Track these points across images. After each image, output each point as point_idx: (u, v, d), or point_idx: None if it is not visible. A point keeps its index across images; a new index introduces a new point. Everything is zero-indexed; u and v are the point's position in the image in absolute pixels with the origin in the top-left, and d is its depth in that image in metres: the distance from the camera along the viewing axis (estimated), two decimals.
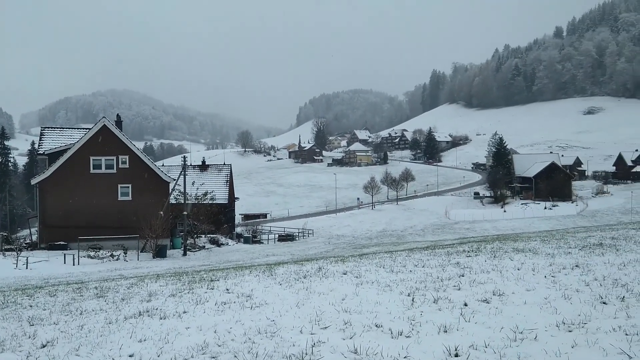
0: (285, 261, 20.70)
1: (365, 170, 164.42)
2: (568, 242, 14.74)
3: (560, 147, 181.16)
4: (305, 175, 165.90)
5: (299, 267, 13.44)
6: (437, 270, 10.48)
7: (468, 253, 13.66)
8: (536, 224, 68.19)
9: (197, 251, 39.94)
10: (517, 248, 14.02)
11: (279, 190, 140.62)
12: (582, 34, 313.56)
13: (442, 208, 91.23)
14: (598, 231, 20.00)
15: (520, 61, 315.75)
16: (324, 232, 69.83)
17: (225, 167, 58.90)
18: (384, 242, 45.79)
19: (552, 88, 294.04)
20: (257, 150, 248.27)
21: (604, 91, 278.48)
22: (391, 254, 15.96)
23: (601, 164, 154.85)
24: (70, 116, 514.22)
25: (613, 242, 14.12)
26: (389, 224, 77.11)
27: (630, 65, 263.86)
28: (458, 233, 60.69)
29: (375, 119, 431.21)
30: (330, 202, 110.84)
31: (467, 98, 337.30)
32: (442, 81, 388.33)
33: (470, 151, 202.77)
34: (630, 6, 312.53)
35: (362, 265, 12.54)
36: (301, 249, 39.49)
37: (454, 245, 19.75)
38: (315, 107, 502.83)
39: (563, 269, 9.68)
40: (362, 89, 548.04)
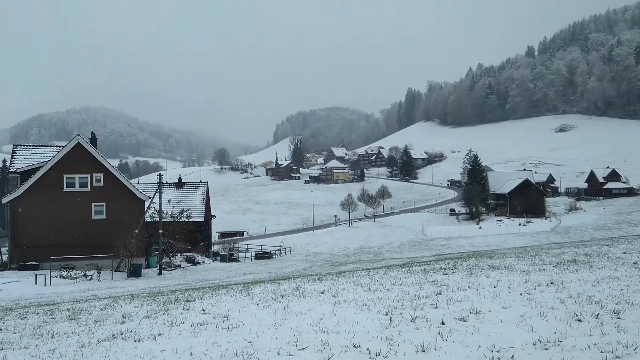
0: (263, 280, 20.54)
1: (342, 188, 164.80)
2: (542, 259, 14.93)
3: (534, 164, 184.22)
4: (282, 192, 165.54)
5: (276, 286, 13.34)
6: (415, 289, 10.51)
7: (445, 270, 13.73)
8: (511, 240, 69.00)
9: (173, 270, 39.39)
10: (492, 265, 14.14)
11: (256, 208, 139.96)
12: (553, 53, 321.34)
13: (418, 225, 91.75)
14: (572, 247, 20.32)
15: (493, 80, 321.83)
16: (302, 250, 69.56)
17: (201, 185, 58.46)
18: (362, 260, 45.78)
19: (524, 106, 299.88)
20: (234, 168, 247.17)
21: (576, 109, 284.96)
22: (369, 272, 15.96)
23: (574, 180, 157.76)
24: (43, 134, 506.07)
25: (587, 258, 14.35)
26: (366, 241, 77.19)
27: (600, 84, 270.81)
28: (435, 250, 61.03)
29: (352, 137, 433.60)
30: (308, 220, 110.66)
31: (442, 116, 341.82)
32: (417, 99, 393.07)
33: (446, 168, 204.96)
34: (600, 27, 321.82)
35: (340, 283, 12.50)
36: (278, 267, 39.24)
37: (431, 262, 19.84)
38: (293, 125, 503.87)
39: (538, 286, 9.80)
40: (339, 107, 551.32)
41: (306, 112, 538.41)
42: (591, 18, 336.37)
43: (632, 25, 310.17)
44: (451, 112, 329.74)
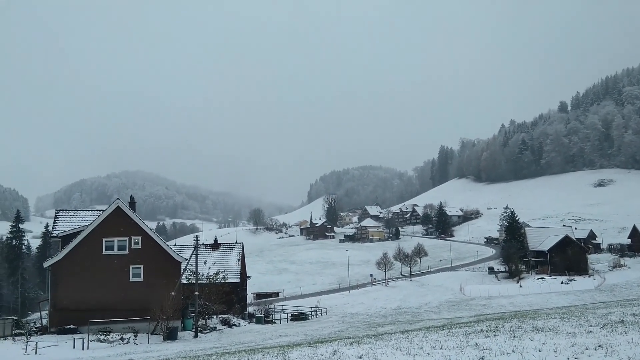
0: (299, 342, 20.24)
1: (377, 246, 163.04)
2: (588, 320, 14.39)
3: (573, 220, 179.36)
4: (317, 252, 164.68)
5: (312, 350, 13.15)
6: (456, 353, 10.23)
7: (486, 333, 13.34)
8: (554, 299, 66.47)
9: (209, 332, 39.14)
10: (536, 327, 13.68)
11: (291, 268, 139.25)
12: (587, 107, 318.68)
13: (456, 284, 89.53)
14: (618, 307, 19.51)
15: (526, 135, 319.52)
16: (338, 311, 68.41)
17: (237, 246, 58.81)
18: (399, 320, 44.69)
19: (560, 161, 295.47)
20: (268, 228, 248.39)
21: (613, 163, 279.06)
22: (407, 334, 15.61)
23: (615, 236, 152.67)
24: (84, 198, 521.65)
25: (635, 319, 13.78)
26: (404, 301, 75.50)
27: (638, 137, 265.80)
28: (474, 310, 59.20)
29: (386, 195, 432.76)
30: (343, 279, 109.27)
31: (476, 172, 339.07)
32: (450, 156, 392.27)
33: (482, 225, 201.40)
34: (634, 80, 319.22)
35: (378, 347, 12.26)
36: (314, 329, 38.60)
37: (471, 323, 19.28)
38: (326, 184, 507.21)
39: (586, 350, 9.43)
40: (372, 165, 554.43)
41: (339, 171, 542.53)
42: (624, 72, 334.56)
43: None
44: (485, 169, 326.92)
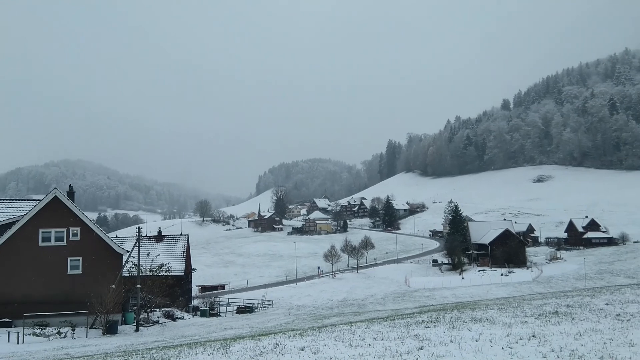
0: (243, 335, 20.04)
1: (325, 239, 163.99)
2: (524, 311, 14.86)
3: (513, 214, 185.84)
4: (265, 244, 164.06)
5: (255, 342, 13.01)
6: (396, 343, 10.33)
7: (427, 324, 13.56)
8: (494, 290, 68.70)
9: (151, 326, 38.29)
10: (475, 317, 14.01)
11: (238, 260, 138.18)
12: (528, 106, 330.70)
13: (402, 276, 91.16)
14: (553, 298, 20.27)
15: (471, 132, 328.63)
16: (284, 303, 68.40)
17: (182, 238, 57.71)
18: (345, 312, 45.09)
19: (502, 157, 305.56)
20: (215, 220, 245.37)
21: (552, 160, 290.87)
22: (351, 326, 15.69)
23: (553, 230, 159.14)
24: (21, 187, 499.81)
25: (569, 310, 14.31)
26: (350, 293, 76.26)
27: (576, 135, 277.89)
28: (418, 301, 60.46)
29: (335, 188, 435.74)
30: (291, 272, 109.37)
31: (422, 167, 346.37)
32: (398, 151, 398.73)
33: (428, 219, 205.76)
34: (573, 80, 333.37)
35: (321, 339, 12.25)
36: (260, 321, 38.41)
37: (414, 314, 19.61)
38: (275, 176, 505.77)
39: (520, 340, 9.70)
40: (321, 158, 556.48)
41: (289, 163, 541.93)
42: (564, 72, 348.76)
43: (604, 77, 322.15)
44: (431, 163, 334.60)
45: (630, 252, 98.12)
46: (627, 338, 9.73)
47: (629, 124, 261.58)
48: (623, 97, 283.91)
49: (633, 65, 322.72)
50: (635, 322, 11.61)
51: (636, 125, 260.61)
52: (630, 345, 9.10)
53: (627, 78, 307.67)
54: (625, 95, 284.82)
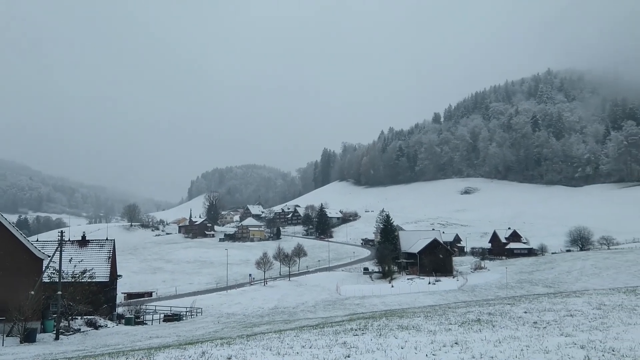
0: (169, 344, 19.51)
1: (258, 246, 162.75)
2: (449, 318, 15.30)
3: (442, 225, 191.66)
4: (195, 250, 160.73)
5: (181, 352, 12.70)
6: (324, 351, 10.37)
7: (355, 331, 13.70)
8: (421, 298, 70.42)
9: (72, 334, 36.59)
10: (402, 325, 14.30)
11: (167, 267, 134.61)
12: (457, 120, 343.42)
13: (333, 284, 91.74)
14: (477, 306, 21.02)
15: (403, 143, 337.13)
16: (214, 311, 67.17)
17: (107, 243, 55.61)
18: (276, 320, 44.84)
19: (432, 169, 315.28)
20: (144, 225, 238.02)
21: (479, 173, 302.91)
22: (280, 334, 15.62)
23: (478, 240, 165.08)
24: None
25: (490, 317, 14.87)
26: (281, 301, 75.94)
27: (501, 149, 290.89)
28: (348, 309, 61.02)
29: (269, 195, 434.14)
30: (222, 279, 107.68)
31: (356, 176, 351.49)
32: (332, 159, 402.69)
33: (360, 227, 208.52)
34: (499, 97, 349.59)
35: (249, 347, 12.12)
36: (188, 330, 37.57)
37: (343, 322, 19.77)
38: (208, 181, 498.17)
39: (443, 347, 9.97)
40: (256, 165, 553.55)
41: (222, 169, 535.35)
42: (492, 88, 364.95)
43: (528, 96, 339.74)
44: (365, 173, 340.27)
45: (548, 263, 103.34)
46: (543, 345, 10.22)
47: (550, 141, 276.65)
48: (545, 114, 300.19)
49: (554, 85, 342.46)
50: (550, 330, 12.22)
51: (556, 142, 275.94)
52: (545, 352, 9.56)
53: (548, 97, 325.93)
54: (547, 113, 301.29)
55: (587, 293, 25.71)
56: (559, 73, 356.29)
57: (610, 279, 76.31)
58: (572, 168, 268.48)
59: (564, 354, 9.34)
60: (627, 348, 9.64)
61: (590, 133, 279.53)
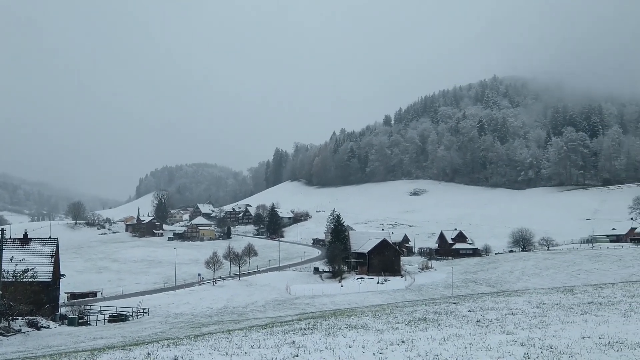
0: (114, 345, 19.07)
1: (208, 245, 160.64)
2: (396, 317, 15.61)
3: (391, 225, 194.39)
4: (143, 249, 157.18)
5: (125, 353, 12.45)
6: (272, 351, 10.40)
7: (304, 331, 13.79)
8: (370, 298, 71.31)
9: (12, 335, 35.22)
10: (350, 324, 14.48)
11: (113, 266, 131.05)
12: (407, 123, 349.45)
13: (283, 283, 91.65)
14: (423, 305, 21.50)
15: (355, 144, 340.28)
16: (161, 311, 65.94)
17: (50, 241, 53.78)
18: (224, 320, 44.45)
19: (382, 170, 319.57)
20: (90, 223, 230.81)
21: (427, 175, 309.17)
22: (229, 334, 15.53)
23: (426, 241, 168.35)
24: None
25: (436, 316, 15.25)
26: (231, 301, 75.31)
27: (449, 152, 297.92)
28: (298, 308, 61.12)
29: (220, 194, 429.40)
30: (170, 279, 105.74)
31: (308, 176, 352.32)
32: (285, 159, 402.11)
33: (311, 227, 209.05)
34: (448, 101, 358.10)
35: (196, 348, 12.00)
36: (134, 330, 36.79)
37: (293, 322, 19.83)
38: (157, 180, 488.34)
39: (390, 345, 10.19)
40: (207, 163, 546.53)
41: (172, 167, 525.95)
42: (441, 93, 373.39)
43: (475, 101, 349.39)
44: (316, 173, 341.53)
45: (491, 263, 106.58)
46: (485, 343, 10.58)
47: (495, 145, 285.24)
48: (490, 119, 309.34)
49: (500, 91, 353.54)
50: (493, 328, 12.66)
51: (501, 147, 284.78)
52: (487, 350, 9.90)
53: (494, 102, 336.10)
54: (493, 118, 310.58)
55: (527, 292, 26.71)
56: (504, 80, 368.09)
57: (549, 279, 79.45)
58: (516, 171, 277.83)
59: (505, 351, 9.70)
60: (564, 345, 10.09)
61: (532, 138, 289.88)
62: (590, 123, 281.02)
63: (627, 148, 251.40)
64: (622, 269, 79.63)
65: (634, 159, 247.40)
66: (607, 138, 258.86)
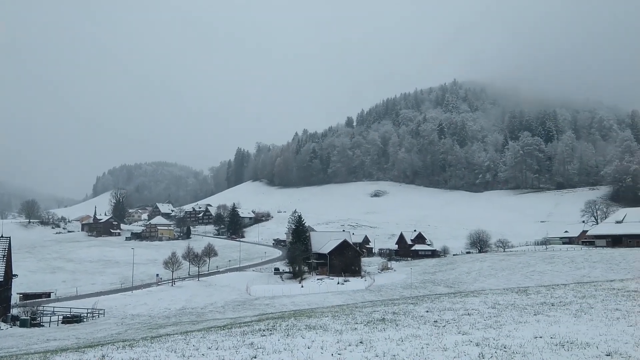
0: (67, 347, 18.57)
1: (167, 245, 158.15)
2: (355, 318, 15.72)
3: (352, 226, 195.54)
4: (99, 249, 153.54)
5: (79, 355, 12.15)
6: (230, 353, 10.34)
7: (263, 332, 13.74)
8: (330, 298, 71.56)
9: None
10: (309, 325, 14.51)
11: (67, 266, 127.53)
12: (369, 125, 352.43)
13: (243, 284, 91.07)
14: (382, 306, 21.71)
15: (317, 145, 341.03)
16: (118, 312, 64.59)
17: (2, 240, 52.05)
18: (183, 321, 43.86)
19: (344, 171, 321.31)
20: (44, 222, 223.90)
21: (388, 177, 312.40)
22: (186, 335, 15.34)
23: (386, 242, 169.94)
24: None
25: (394, 317, 15.43)
26: (189, 301, 74.37)
27: (409, 155, 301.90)
28: (258, 309, 60.83)
29: (180, 193, 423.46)
30: (127, 279, 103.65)
31: (269, 176, 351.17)
32: (246, 159, 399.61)
33: (272, 227, 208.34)
34: (409, 104, 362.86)
35: (152, 350, 11.81)
36: (89, 332, 35.93)
37: (252, 323, 19.73)
38: (115, 178, 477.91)
39: (349, 346, 10.26)
40: (167, 162, 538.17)
41: (131, 165, 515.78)
42: (402, 96, 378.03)
43: (435, 104, 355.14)
44: (278, 174, 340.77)
45: (449, 264, 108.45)
46: (442, 343, 10.77)
47: (454, 148, 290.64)
48: (450, 123, 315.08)
49: (459, 95, 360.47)
50: (449, 328, 12.89)
51: (460, 150, 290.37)
52: (443, 350, 10.08)
53: (454, 106, 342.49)
54: (452, 121, 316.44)
55: (483, 293, 27.29)
56: (464, 84, 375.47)
57: (504, 280, 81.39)
58: (474, 174, 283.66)
59: (460, 351, 9.90)
60: (518, 345, 10.37)
61: (490, 142, 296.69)
62: (545, 128, 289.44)
63: (579, 153, 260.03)
64: (573, 270, 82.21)
65: (586, 164, 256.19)
66: (561, 143, 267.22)
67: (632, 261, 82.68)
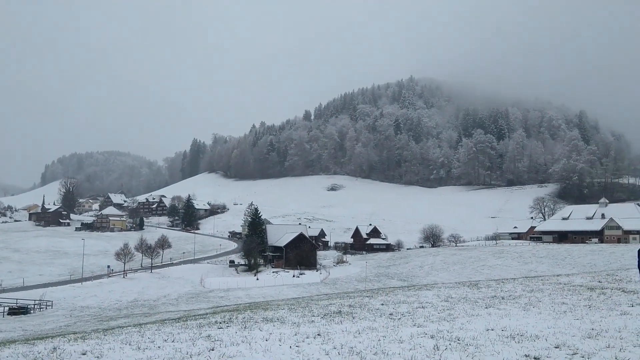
0: (15, 339, 17.95)
1: (118, 236, 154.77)
2: (312, 311, 15.79)
3: (308, 219, 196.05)
4: (48, 239, 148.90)
5: (29, 347, 11.76)
6: (187, 345, 10.23)
7: (220, 324, 13.65)
8: (285, 291, 71.72)
9: None
10: (266, 317, 14.50)
11: (13, 257, 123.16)
12: (327, 119, 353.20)
13: (197, 276, 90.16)
14: (338, 299, 21.89)
15: (274, 138, 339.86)
16: (66, 304, 62.86)
17: None
18: (135, 314, 43.07)
19: (301, 165, 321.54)
20: None
21: (345, 171, 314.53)
22: (140, 328, 15.08)
23: (342, 235, 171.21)
24: None
25: (350, 309, 15.58)
26: (142, 294, 73.14)
27: (366, 149, 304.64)
28: (212, 302, 60.37)
29: (133, 183, 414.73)
30: (77, 270, 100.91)
31: (226, 168, 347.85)
32: (202, 150, 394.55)
33: (228, 220, 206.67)
34: (366, 99, 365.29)
35: (106, 342, 11.56)
36: (36, 324, 34.88)
37: (207, 315, 19.56)
38: (65, 166, 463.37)
39: (307, 338, 10.31)
40: (119, 151, 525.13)
41: (82, 154, 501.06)
42: (360, 91, 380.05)
43: (392, 100, 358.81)
44: (235, 166, 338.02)
45: (403, 258, 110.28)
46: (398, 335, 10.96)
47: (410, 144, 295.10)
48: (406, 119, 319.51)
49: (416, 92, 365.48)
50: (404, 321, 13.13)
51: (415, 146, 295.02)
52: (399, 342, 10.26)
53: (410, 103, 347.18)
54: (408, 117, 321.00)
55: (436, 286, 27.88)
56: (420, 80, 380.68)
57: (456, 274, 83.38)
58: (428, 170, 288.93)
59: (416, 343, 10.10)
60: (470, 337, 10.65)
61: (445, 139, 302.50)
62: (497, 126, 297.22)
63: (529, 151, 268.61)
64: (522, 264, 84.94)
65: (535, 162, 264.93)
66: (512, 141, 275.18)
67: (576, 257, 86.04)
